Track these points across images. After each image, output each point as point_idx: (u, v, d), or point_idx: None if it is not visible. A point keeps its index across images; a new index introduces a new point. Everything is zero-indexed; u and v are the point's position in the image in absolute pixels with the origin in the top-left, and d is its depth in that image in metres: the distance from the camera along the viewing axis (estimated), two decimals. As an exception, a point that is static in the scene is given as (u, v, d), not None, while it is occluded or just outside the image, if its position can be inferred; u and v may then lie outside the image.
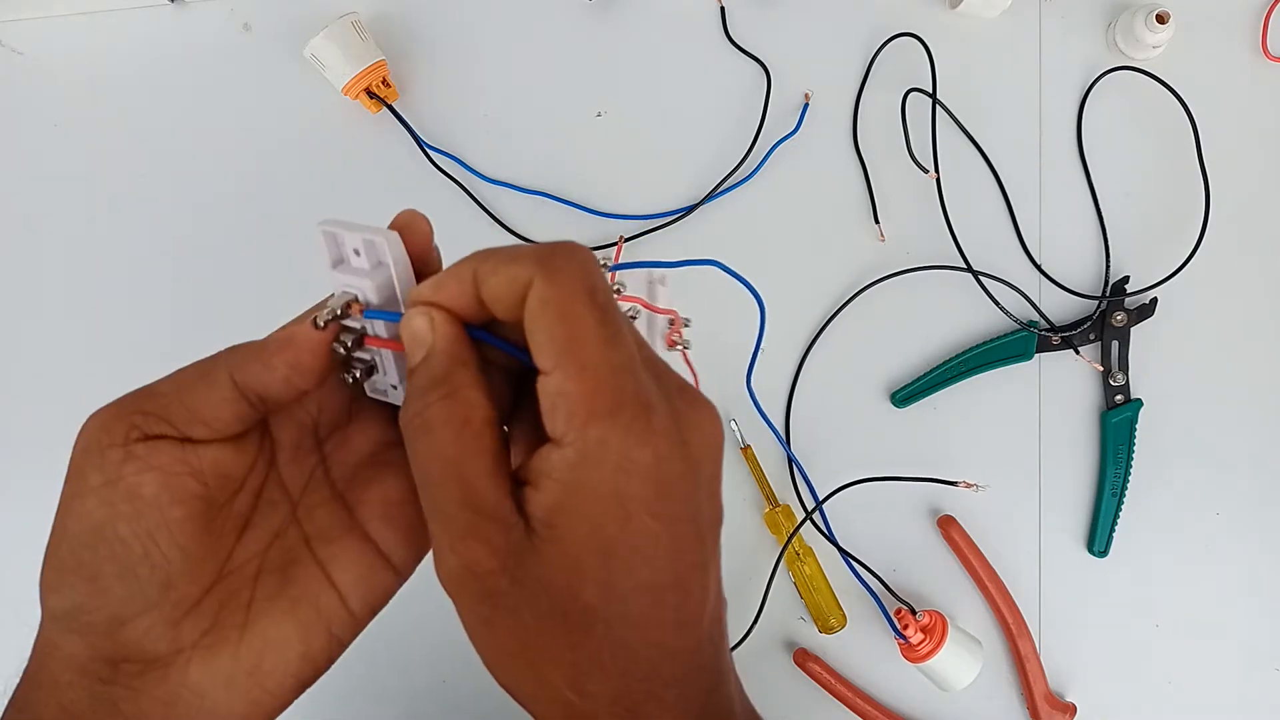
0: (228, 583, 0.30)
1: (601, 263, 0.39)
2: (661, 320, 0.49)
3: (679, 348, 0.50)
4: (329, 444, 0.32)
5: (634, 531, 0.25)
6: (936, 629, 0.55)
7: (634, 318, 0.45)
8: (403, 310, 0.29)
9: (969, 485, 0.57)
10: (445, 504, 0.26)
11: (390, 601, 0.32)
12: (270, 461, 0.31)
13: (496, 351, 0.29)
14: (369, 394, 0.32)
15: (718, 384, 0.59)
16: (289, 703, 0.30)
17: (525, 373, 0.28)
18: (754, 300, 0.46)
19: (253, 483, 0.31)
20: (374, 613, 0.31)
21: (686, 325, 0.50)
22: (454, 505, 0.26)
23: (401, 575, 0.31)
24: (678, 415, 0.26)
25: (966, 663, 0.55)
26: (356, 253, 0.29)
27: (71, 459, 0.28)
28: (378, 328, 0.29)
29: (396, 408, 0.29)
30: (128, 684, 0.28)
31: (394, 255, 0.29)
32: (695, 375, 0.55)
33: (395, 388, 0.31)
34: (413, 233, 0.30)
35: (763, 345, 0.59)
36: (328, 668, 0.31)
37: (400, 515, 0.31)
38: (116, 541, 0.27)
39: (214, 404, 0.28)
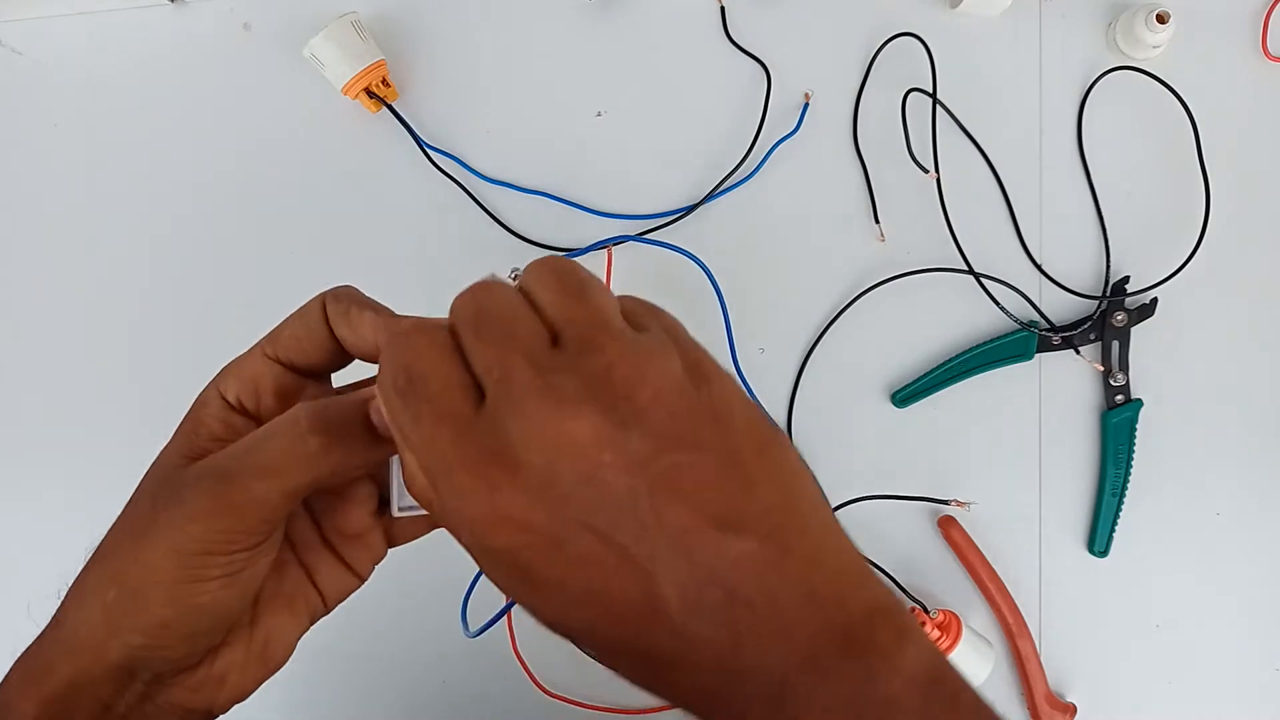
0: None
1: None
2: None
3: None
4: None
5: (497, 569, 0.27)
6: (951, 628, 0.55)
7: None
8: None
9: (960, 504, 0.58)
10: None
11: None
12: None
13: None
14: (395, 513, 0.34)
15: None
16: (284, 664, 0.35)
17: None
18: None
19: None
20: (341, 602, 0.36)
21: None
22: None
23: (363, 580, 0.36)
24: (502, 430, 0.25)
25: (979, 663, 0.56)
26: None
27: (186, 537, 0.30)
28: None
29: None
30: (164, 681, 0.31)
31: None
32: None
33: None
34: None
35: (763, 347, 0.59)
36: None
37: (357, 544, 0.35)
38: (222, 611, 0.31)
39: (297, 496, 0.31)
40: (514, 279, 0.46)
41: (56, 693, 0.30)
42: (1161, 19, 0.56)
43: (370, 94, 0.58)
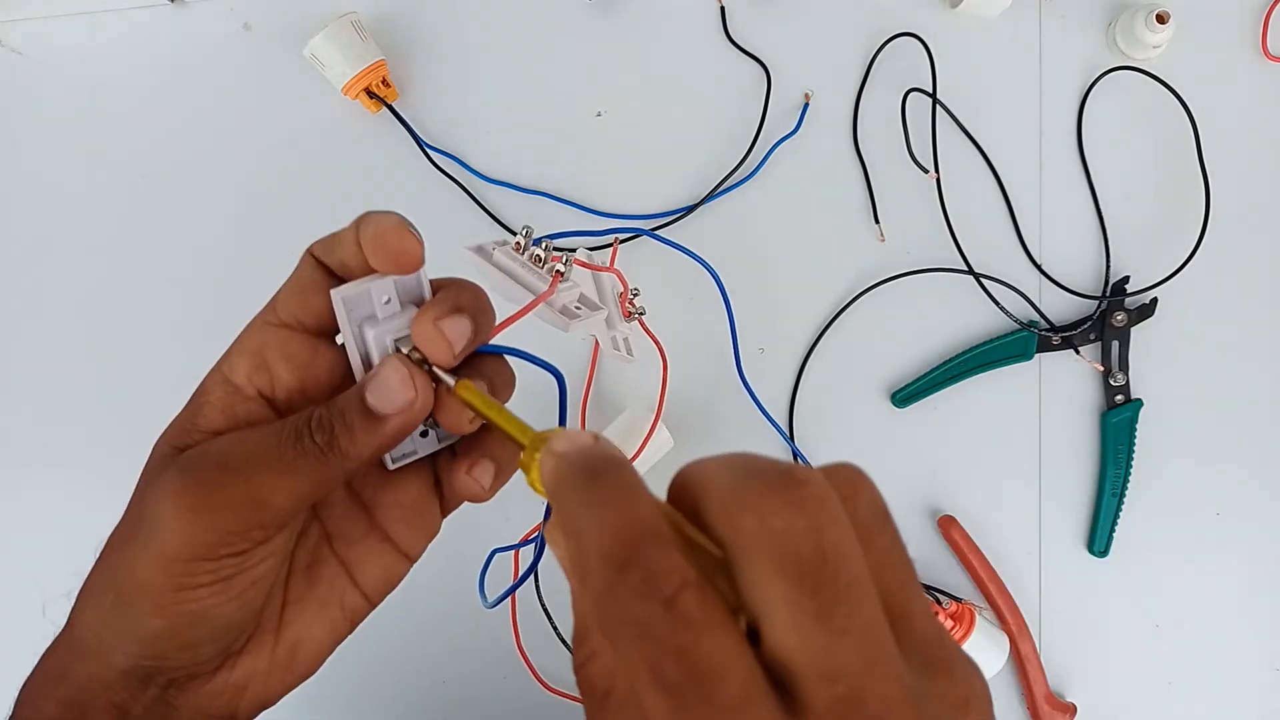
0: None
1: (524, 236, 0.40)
2: (609, 289, 0.52)
3: (635, 316, 0.53)
4: None
5: None
6: (965, 618, 0.55)
7: (575, 285, 0.46)
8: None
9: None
10: None
11: (391, 596, 0.33)
12: None
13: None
14: (390, 466, 0.32)
15: (717, 387, 0.59)
16: (314, 673, 0.33)
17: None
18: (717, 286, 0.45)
19: None
20: (387, 595, 0.33)
21: (636, 294, 0.53)
22: None
23: (414, 561, 0.33)
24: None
25: (993, 653, 0.56)
26: (387, 301, 0.30)
27: (172, 539, 0.28)
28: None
29: None
30: (180, 686, 0.30)
31: (428, 285, 0.30)
32: (658, 343, 0.56)
33: (424, 434, 0.32)
34: (410, 255, 0.30)
35: (763, 347, 0.59)
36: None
37: (417, 516, 0.33)
38: (219, 618, 0.29)
39: (308, 499, 0.29)
40: (515, 246, 0.42)
41: (72, 695, 0.30)
42: (1161, 19, 0.56)
43: (370, 94, 0.58)
